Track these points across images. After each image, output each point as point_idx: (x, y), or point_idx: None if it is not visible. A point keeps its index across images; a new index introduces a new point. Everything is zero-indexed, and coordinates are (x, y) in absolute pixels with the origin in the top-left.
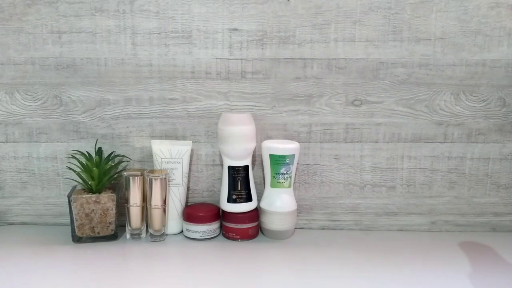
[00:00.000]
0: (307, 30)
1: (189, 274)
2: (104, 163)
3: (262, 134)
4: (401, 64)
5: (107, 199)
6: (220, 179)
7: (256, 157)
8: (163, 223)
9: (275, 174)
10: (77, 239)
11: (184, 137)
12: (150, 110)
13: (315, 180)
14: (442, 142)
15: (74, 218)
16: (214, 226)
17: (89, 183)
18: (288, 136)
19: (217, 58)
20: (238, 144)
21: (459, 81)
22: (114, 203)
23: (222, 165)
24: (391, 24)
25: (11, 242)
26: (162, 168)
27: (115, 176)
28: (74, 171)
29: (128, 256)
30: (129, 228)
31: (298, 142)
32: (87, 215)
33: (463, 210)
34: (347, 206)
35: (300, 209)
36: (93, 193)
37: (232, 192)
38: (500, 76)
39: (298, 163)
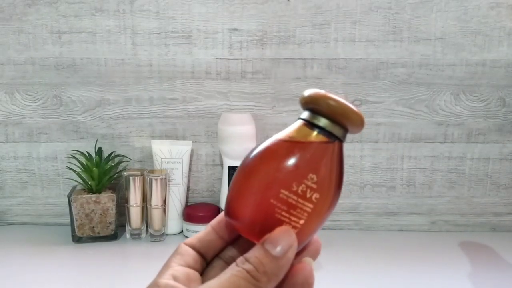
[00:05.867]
0: (307, 30)
1: None
2: (104, 163)
3: (262, 134)
4: (401, 64)
5: (107, 199)
6: (220, 179)
7: None
8: (163, 223)
9: None
10: (77, 239)
11: (184, 137)
12: (150, 110)
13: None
14: (442, 142)
15: (74, 218)
16: None
17: (89, 183)
18: None
19: (217, 58)
20: (238, 144)
21: (459, 81)
22: (114, 203)
23: (222, 165)
24: (391, 24)
25: (11, 242)
26: (162, 168)
27: (115, 176)
28: (74, 171)
29: (128, 256)
30: (129, 228)
31: None
32: (87, 215)
33: (463, 210)
34: (347, 206)
35: None
36: (93, 193)
37: None
38: (500, 76)
39: None
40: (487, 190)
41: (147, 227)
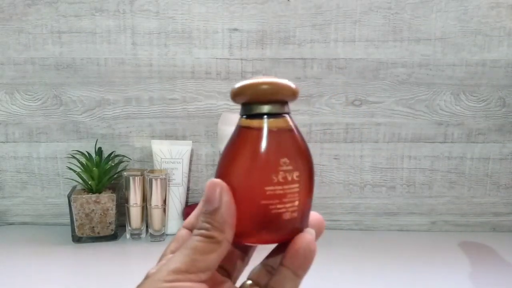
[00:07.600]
0: (307, 30)
1: None
2: (104, 163)
3: None
4: (401, 64)
5: (107, 199)
6: None
7: None
8: (163, 223)
9: None
10: (77, 239)
11: (184, 137)
12: (150, 110)
13: (315, 180)
14: (442, 142)
15: (74, 218)
16: None
17: (89, 183)
18: None
19: (217, 58)
20: None
21: (459, 81)
22: (114, 203)
23: None
24: (391, 24)
25: (11, 242)
26: (162, 168)
27: (115, 176)
28: (74, 171)
29: (128, 256)
30: (129, 228)
31: None
32: (87, 215)
33: (463, 210)
34: (347, 206)
35: None
36: (93, 193)
37: None
38: (500, 76)
39: None
40: (487, 190)
41: (147, 227)
